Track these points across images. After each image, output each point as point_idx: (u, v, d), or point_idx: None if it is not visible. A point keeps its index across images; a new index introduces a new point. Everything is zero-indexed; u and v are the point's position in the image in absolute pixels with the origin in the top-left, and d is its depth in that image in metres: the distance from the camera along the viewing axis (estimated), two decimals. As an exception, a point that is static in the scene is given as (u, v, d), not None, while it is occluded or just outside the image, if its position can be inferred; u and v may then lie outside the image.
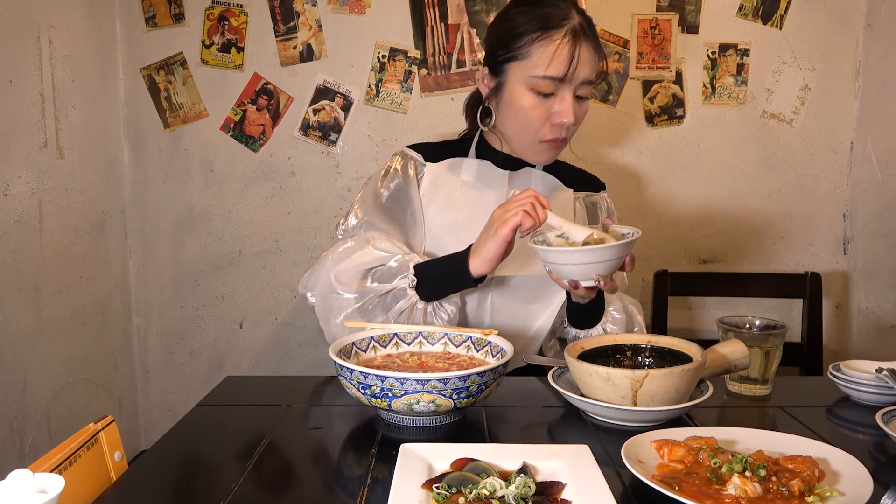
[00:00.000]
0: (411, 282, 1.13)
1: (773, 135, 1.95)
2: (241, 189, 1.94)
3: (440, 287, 1.14)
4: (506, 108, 1.22)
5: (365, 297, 1.14)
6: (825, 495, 0.69)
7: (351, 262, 1.16)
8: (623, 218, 1.93)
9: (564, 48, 1.13)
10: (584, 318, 1.23)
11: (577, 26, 1.14)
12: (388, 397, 0.86)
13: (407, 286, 1.13)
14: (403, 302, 1.13)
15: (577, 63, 1.13)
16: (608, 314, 1.24)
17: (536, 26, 1.14)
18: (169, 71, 1.90)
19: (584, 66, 1.14)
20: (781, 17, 1.90)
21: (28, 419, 1.52)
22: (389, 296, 1.14)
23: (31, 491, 0.57)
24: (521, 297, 1.25)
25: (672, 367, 0.91)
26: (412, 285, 1.13)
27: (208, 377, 2.00)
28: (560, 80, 1.14)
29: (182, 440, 0.92)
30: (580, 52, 1.13)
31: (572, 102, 1.16)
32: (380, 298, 1.14)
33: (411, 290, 1.13)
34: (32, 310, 1.53)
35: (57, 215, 1.61)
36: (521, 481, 0.69)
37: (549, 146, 1.21)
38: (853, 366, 1.06)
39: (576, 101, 1.17)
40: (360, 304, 1.14)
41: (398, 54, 1.89)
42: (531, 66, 1.15)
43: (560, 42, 1.13)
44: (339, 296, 1.15)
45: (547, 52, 1.13)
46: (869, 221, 1.90)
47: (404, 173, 1.28)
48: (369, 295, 1.14)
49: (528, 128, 1.19)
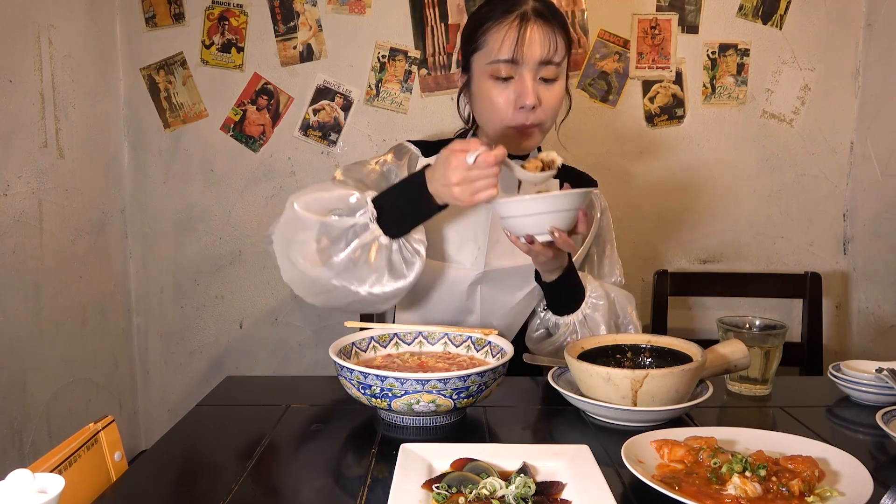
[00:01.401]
0: (372, 213, 1.10)
1: (773, 135, 1.95)
2: (241, 189, 1.94)
3: (402, 217, 1.11)
4: (475, 101, 1.24)
5: (326, 229, 1.10)
6: (825, 495, 0.69)
7: (314, 196, 1.13)
8: (623, 218, 1.93)
9: (513, 30, 1.15)
10: (560, 303, 1.22)
11: (528, 10, 1.16)
12: (388, 397, 0.86)
13: (368, 220, 1.10)
14: (365, 236, 1.09)
15: (525, 43, 1.15)
16: (588, 300, 1.23)
17: (491, 16, 1.19)
18: (169, 71, 1.90)
19: (536, 46, 1.15)
20: (781, 17, 1.90)
21: (28, 419, 1.52)
22: (350, 231, 1.10)
23: (31, 491, 0.57)
24: (509, 287, 1.25)
25: (672, 367, 0.91)
26: (373, 217, 1.10)
27: (208, 377, 2.00)
28: (512, 62, 1.16)
29: (182, 440, 0.92)
30: (531, 32, 1.15)
31: (532, 83, 1.16)
32: (341, 232, 1.11)
33: (373, 223, 1.10)
34: (32, 310, 1.53)
35: (57, 215, 1.61)
36: (521, 481, 0.69)
37: (517, 132, 1.20)
38: (853, 366, 1.06)
39: (541, 84, 1.18)
40: (320, 237, 1.10)
41: (398, 54, 1.89)
42: (488, 54, 1.18)
43: (510, 26, 1.16)
44: (299, 223, 1.11)
45: (498, 37, 1.17)
46: (869, 221, 1.90)
47: (397, 160, 1.28)
48: (330, 228, 1.10)
49: (494, 115, 1.20)
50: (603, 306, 1.23)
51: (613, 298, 1.26)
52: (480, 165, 1.01)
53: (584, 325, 1.22)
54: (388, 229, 1.10)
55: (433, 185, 1.07)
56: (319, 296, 1.15)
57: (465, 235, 1.23)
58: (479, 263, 1.23)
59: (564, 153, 1.35)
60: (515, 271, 1.24)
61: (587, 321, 1.22)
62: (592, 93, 1.92)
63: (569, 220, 1.03)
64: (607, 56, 1.90)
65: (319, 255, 1.10)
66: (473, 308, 1.26)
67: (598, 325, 1.23)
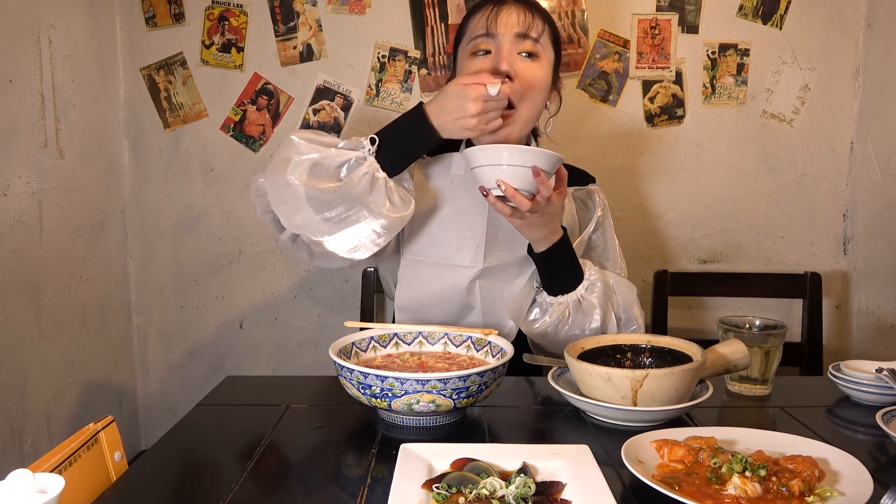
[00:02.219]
0: (370, 150, 1.11)
1: (773, 135, 1.95)
2: (242, 189, 1.94)
3: (401, 146, 1.13)
4: None
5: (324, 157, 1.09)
6: (825, 495, 0.69)
7: (309, 134, 1.13)
8: (623, 218, 1.93)
9: (488, 10, 1.20)
10: (552, 281, 1.22)
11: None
12: (388, 397, 0.86)
13: (366, 154, 1.11)
14: (364, 166, 1.10)
15: (500, 16, 1.18)
16: (585, 283, 1.23)
17: (474, 8, 1.23)
18: (169, 71, 1.90)
19: (511, 17, 1.18)
20: (781, 17, 1.90)
21: (28, 419, 1.52)
22: (347, 164, 1.10)
23: (31, 491, 0.57)
24: (507, 277, 1.25)
25: (672, 367, 0.91)
26: (371, 152, 1.11)
27: (208, 377, 2.00)
28: (487, 35, 1.18)
29: (182, 440, 0.92)
30: (506, 9, 1.19)
31: (510, 54, 1.17)
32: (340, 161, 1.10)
33: (371, 156, 1.11)
34: (32, 310, 1.53)
35: (57, 215, 1.61)
36: (521, 481, 0.69)
37: None
38: (853, 366, 1.06)
39: (518, 57, 1.19)
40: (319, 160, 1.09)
41: (398, 54, 1.89)
42: (468, 38, 1.22)
43: (486, 9, 1.20)
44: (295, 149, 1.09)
45: (475, 20, 1.21)
46: (869, 221, 1.90)
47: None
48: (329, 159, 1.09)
49: None
50: (599, 289, 1.22)
51: (612, 285, 1.25)
52: (499, 97, 1.07)
53: (578, 308, 1.21)
54: (384, 165, 1.12)
55: (439, 119, 1.10)
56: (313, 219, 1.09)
57: (462, 234, 1.23)
58: (478, 260, 1.23)
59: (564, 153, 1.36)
60: (515, 263, 1.24)
61: (581, 303, 1.21)
62: (592, 93, 1.92)
63: (519, 177, 1.04)
64: (607, 56, 1.90)
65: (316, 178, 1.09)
66: (474, 304, 1.25)
67: (592, 308, 1.21)
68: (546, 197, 1.07)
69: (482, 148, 1.07)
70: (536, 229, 1.14)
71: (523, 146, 1.05)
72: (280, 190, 1.09)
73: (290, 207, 1.09)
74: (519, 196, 1.05)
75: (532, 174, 1.03)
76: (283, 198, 1.09)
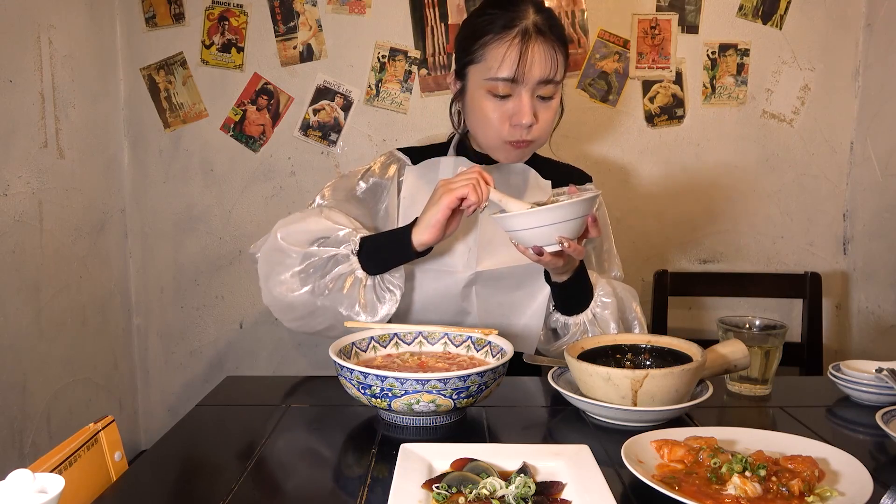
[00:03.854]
0: (354, 246, 1.14)
1: (773, 135, 1.95)
2: (241, 189, 1.94)
3: (381, 255, 1.14)
4: (469, 111, 1.24)
5: (308, 259, 1.14)
6: (825, 495, 0.69)
7: (300, 227, 1.17)
8: (623, 218, 1.93)
9: (514, 49, 1.13)
10: (570, 303, 1.23)
11: (529, 26, 1.14)
12: (388, 397, 0.86)
13: (350, 252, 1.14)
14: (343, 267, 1.13)
15: (527, 63, 1.13)
16: (597, 299, 1.23)
17: (491, 29, 1.16)
18: (169, 71, 1.90)
19: (537, 66, 1.14)
20: (781, 17, 1.90)
21: (28, 419, 1.52)
22: (331, 261, 1.14)
23: (31, 491, 0.57)
24: (505, 287, 1.25)
25: (672, 367, 0.91)
26: (354, 251, 1.14)
27: (208, 377, 2.00)
28: (512, 81, 1.14)
29: (182, 440, 0.92)
30: (532, 51, 1.13)
31: (530, 102, 1.16)
32: (321, 262, 1.14)
33: (353, 256, 1.14)
34: (32, 310, 1.53)
35: (57, 215, 1.61)
36: (521, 481, 0.69)
37: (514, 147, 1.21)
38: (853, 366, 1.06)
39: (538, 102, 1.18)
40: (301, 266, 1.14)
41: (398, 54, 1.89)
42: (486, 69, 1.16)
43: (511, 43, 1.13)
44: (282, 254, 1.15)
45: (498, 54, 1.14)
46: (869, 221, 1.90)
47: (383, 172, 1.30)
48: (312, 258, 1.14)
49: (489, 129, 1.20)
50: (612, 304, 1.23)
51: (621, 295, 1.26)
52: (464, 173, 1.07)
53: (594, 324, 1.22)
54: (365, 265, 1.14)
55: (417, 229, 1.10)
56: (299, 320, 1.18)
57: (454, 239, 1.23)
58: (470, 264, 1.23)
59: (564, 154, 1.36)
60: (510, 272, 1.24)
61: (597, 320, 1.22)
62: (592, 93, 1.92)
63: (577, 228, 1.03)
64: (607, 56, 1.90)
65: (300, 281, 1.14)
66: (470, 309, 1.25)
67: (607, 323, 1.23)
68: (597, 237, 1.08)
69: (536, 211, 1.01)
70: (566, 266, 1.14)
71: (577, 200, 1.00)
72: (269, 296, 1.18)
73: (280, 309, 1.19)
74: (579, 247, 1.04)
75: (589, 222, 1.04)
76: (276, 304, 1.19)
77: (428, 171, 1.29)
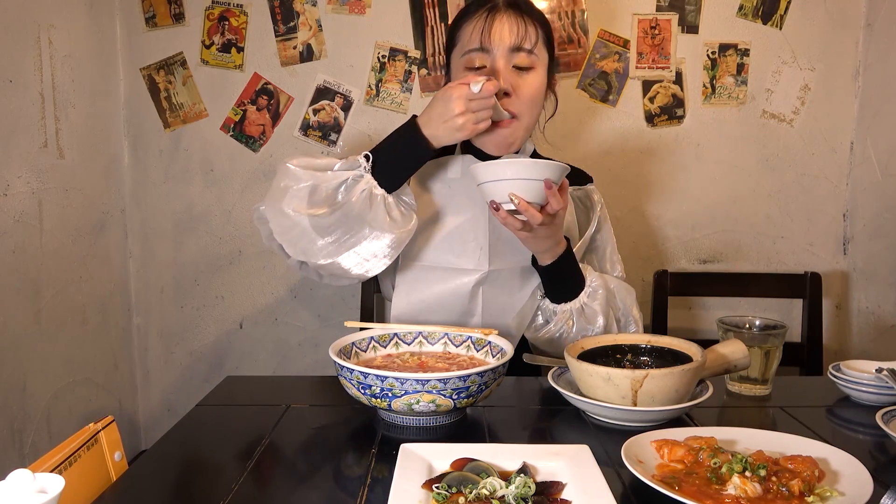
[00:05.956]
0: (366, 167, 1.11)
1: (773, 135, 1.95)
2: (241, 189, 1.94)
3: (396, 160, 1.12)
4: None
5: (321, 180, 1.10)
6: (825, 495, 0.69)
7: (305, 159, 1.14)
8: (623, 218, 1.93)
9: (481, 22, 1.18)
10: (556, 289, 1.22)
11: (499, 2, 1.20)
12: (388, 397, 0.86)
13: (363, 172, 1.11)
14: (361, 185, 1.10)
15: (494, 29, 1.17)
16: (587, 290, 1.23)
17: (465, 13, 1.23)
18: (169, 71, 1.90)
19: (507, 32, 1.17)
20: (781, 17, 1.90)
21: (28, 419, 1.52)
22: (345, 185, 1.11)
23: (31, 491, 0.57)
24: (511, 288, 1.26)
25: (672, 367, 0.91)
26: (367, 170, 1.11)
27: (208, 377, 2.00)
28: (481, 49, 1.18)
29: (182, 440, 0.92)
30: (501, 21, 1.18)
31: (505, 70, 1.18)
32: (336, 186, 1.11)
33: (367, 174, 1.11)
34: (32, 310, 1.53)
35: (57, 215, 1.61)
36: (521, 481, 0.69)
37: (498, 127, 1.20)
38: (853, 366, 1.06)
39: (515, 72, 1.19)
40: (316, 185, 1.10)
41: (398, 54, 1.89)
42: (461, 49, 1.21)
43: (479, 17, 1.19)
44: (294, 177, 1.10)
45: (469, 29, 1.20)
46: (869, 221, 1.90)
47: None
48: (326, 181, 1.10)
49: None
50: (601, 295, 1.23)
51: (613, 289, 1.26)
52: (482, 94, 1.06)
53: (581, 315, 1.22)
54: (381, 181, 1.12)
55: (429, 127, 1.10)
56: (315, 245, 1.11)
57: (465, 238, 1.23)
58: (482, 263, 1.23)
59: (564, 154, 1.36)
60: (518, 271, 1.24)
61: (584, 310, 1.22)
62: (592, 93, 1.92)
63: (532, 191, 1.04)
64: (607, 56, 1.90)
65: (315, 205, 1.10)
66: (475, 310, 1.25)
67: (595, 314, 1.22)
68: (556, 209, 1.07)
69: (493, 163, 1.06)
70: (543, 241, 1.15)
71: (534, 160, 1.05)
72: (281, 219, 1.11)
73: (292, 236, 1.11)
74: (532, 209, 1.05)
75: (544, 187, 1.04)
76: (284, 227, 1.11)
77: (436, 169, 1.28)
